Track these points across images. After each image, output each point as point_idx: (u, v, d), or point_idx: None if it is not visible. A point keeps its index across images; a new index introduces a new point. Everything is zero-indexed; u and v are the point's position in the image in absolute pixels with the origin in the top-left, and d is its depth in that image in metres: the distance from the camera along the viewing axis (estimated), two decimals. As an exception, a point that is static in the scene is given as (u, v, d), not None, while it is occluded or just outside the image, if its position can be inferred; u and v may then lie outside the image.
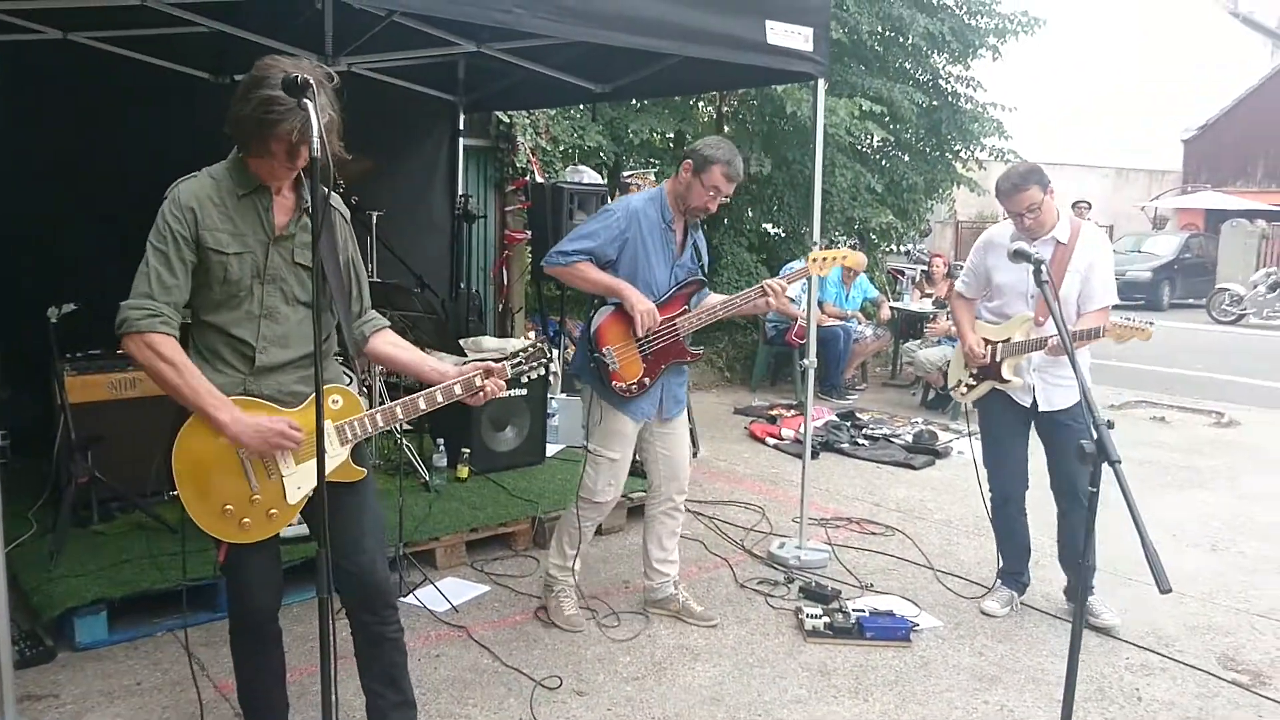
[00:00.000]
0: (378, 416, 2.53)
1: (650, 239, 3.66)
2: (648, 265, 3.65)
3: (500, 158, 8.08)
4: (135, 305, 2.33)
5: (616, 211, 3.68)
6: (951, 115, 10.96)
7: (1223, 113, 27.88)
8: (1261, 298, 17.29)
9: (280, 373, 2.48)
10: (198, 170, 2.46)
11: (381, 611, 2.68)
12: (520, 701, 3.30)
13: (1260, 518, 5.67)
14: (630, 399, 3.66)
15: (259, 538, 2.49)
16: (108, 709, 3.16)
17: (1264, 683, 3.64)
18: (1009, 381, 4.02)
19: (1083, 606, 2.35)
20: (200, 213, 2.37)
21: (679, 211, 3.73)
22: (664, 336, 3.67)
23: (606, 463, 3.75)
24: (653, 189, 3.83)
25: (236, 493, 2.42)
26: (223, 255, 2.39)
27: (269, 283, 2.45)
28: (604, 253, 3.61)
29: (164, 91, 5.53)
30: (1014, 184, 3.88)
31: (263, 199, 2.45)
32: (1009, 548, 4.24)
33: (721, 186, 3.62)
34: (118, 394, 4.47)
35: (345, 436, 2.50)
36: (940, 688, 3.52)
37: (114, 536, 4.15)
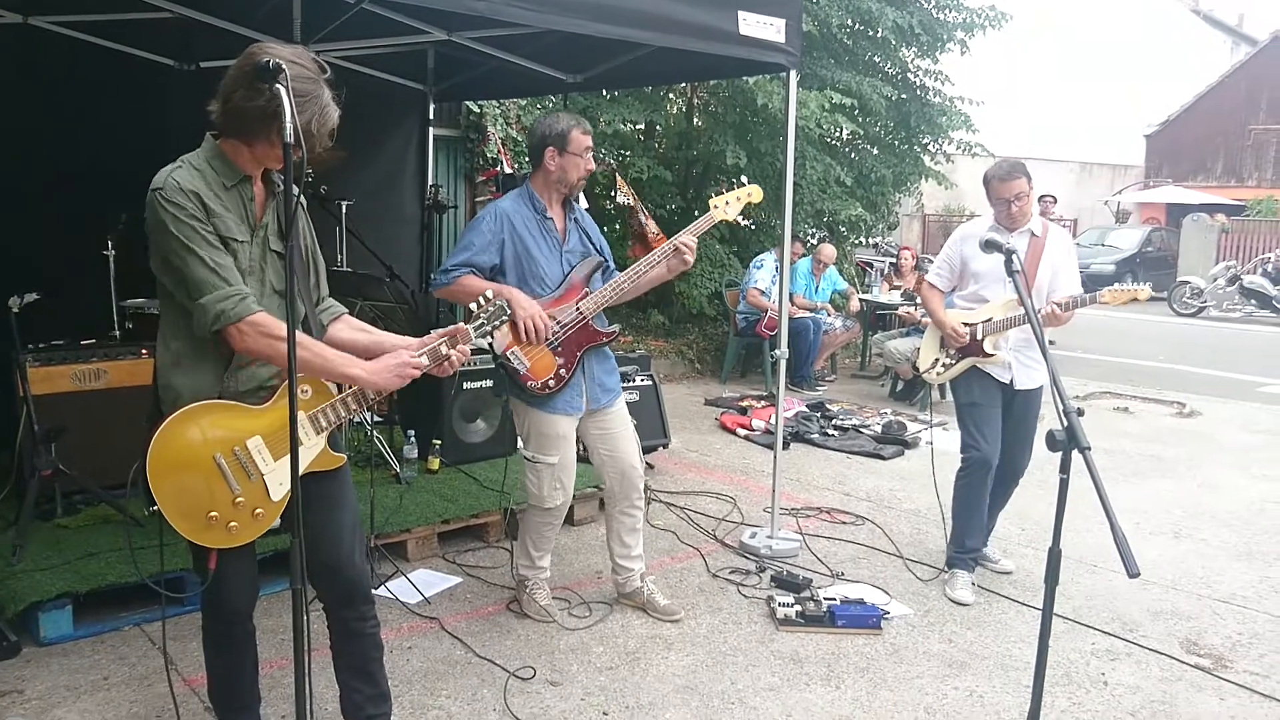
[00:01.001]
0: (349, 400, 2.50)
1: (528, 234, 3.61)
2: (532, 261, 3.60)
3: (471, 148, 8.04)
4: (217, 298, 2.27)
5: (485, 218, 3.64)
6: (920, 109, 11.04)
7: (1184, 109, 28.37)
8: (1221, 290, 17.59)
9: (256, 364, 2.43)
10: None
11: (359, 606, 2.65)
12: (494, 692, 3.29)
13: (1220, 506, 5.78)
14: (552, 395, 3.60)
15: (249, 539, 2.44)
16: (74, 704, 3.12)
17: (1225, 666, 3.71)
18: (992, 355, 4.15)
19: (1053, 593, 2.38)
20: (206, 200, 2.30)
21: (555, 199, 3.69)
22: (571, 325, 3.61)
23: (547, 468, 3.70)
24: (517, 189, 3.79)
25: (218, 499, 2.36)
26: (236, 243, 2.35)
27: (250, 274, 2.40)
28: (483, 261, 3.56)
29: (128, 78, 5.43)
30: (1007, 171, 4.08)
31: (246, 191, 2.40)
32: (975, 525, 4.30)
33: (589, 143, 3.64)
34: (82, 385, 4.39)
35: (319, 424, 2.47)
36: (911, 674, 3.56)
37: (78, 530, 4.09)
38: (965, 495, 4.30)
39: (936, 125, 11.06)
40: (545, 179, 3.67)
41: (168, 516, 2.33)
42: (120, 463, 4.30)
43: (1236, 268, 18.21)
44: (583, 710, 3.21)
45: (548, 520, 3.85)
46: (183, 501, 2.34)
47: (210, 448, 2.35)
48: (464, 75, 6.67)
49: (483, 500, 4.80)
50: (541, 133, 3.64)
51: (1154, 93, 28.17)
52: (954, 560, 4.34)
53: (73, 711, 3.08)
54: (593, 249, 3.80)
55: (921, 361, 4.48)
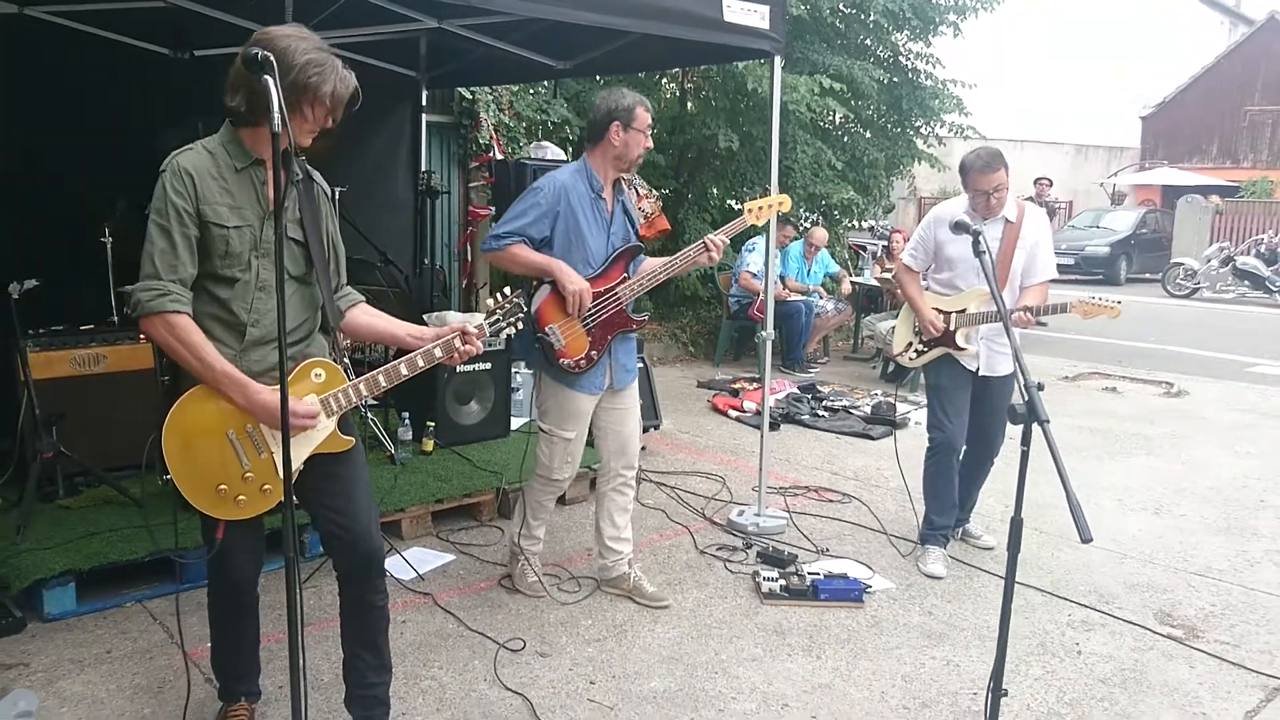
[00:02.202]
0: (361, 386, 2.58)
1: (581, 211, 3.62)
2: (581, 239, 3.62)
3: (463, 134, 8.10)
4: (145, 287, 2.37)
5: (543, 188, 3.61)
6: (912, 92, 11.08)
7: (1179, 90, 28.37)
8: (1214, 272, 17.68)
9: (268, 346, 2.51)
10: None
11: (374, 579, 2.74)
12: (484, 663, 3.40)
13: (1201, 482, 5.88)
14: (580, 374, 3.67)
15: (256, 512, 2.54)
16: (78, 676, 3.22)
17: (1197, 636, 3.82)
18: (964, 349, 4.21)
19: (1015, 559, 2.47)
20: (200, 186, 2.39)
21: (609, 176, 3.71)
22: (606, 307, 3.65)
23: (561, 442, 3.76)
24: (574, 163, 3.79)
25: (229, 472, 2.47)
26: (223, 229, 2.42)
27: (264, 256, 2.49)
28: (536, 232, 3.57)
29: (124, 68, 5.50)
30: (986, 163, 4.08)
31: (259, 173, 2.48)
32: (944, 504, 4.40)
33: (650, 121, 3.67)
34: (81, 370, 4.48)
35: (330, 408, 2.56)
36: (890, 645, 3.66)
37: (80, 511, 4.18)
38: (933, 476, 4.41)
39: (928, 108, 11.10)
40: (605, 154, 3.67)
41: (180, 487, 2.44)
42: (119, 445, 4.44)
43: (1230, 249, 18.30)
44: (570, 680, 3.31)
45: (550, 491, 3.93)
46: (195, 474, 2.45)
47: (224, 424, 2.46)
48: (456, 62, 6.73)
49: (475, 480, 4.90)
50: (608, 107, 3.63)
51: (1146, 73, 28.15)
52: (926, 537, 4.45)
53: (77, 683, 3.18)
54: (632, 234, 3.83)
55: (895, 344, 4.56)
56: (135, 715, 3.01)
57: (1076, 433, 7.09)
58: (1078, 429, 7.21)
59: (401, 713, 3.00)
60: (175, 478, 2.45)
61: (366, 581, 2.73)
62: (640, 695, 3.23)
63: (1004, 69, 22.72)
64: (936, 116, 11.34)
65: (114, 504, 4.24)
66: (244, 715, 2.88)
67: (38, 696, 3.03)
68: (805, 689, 3.31)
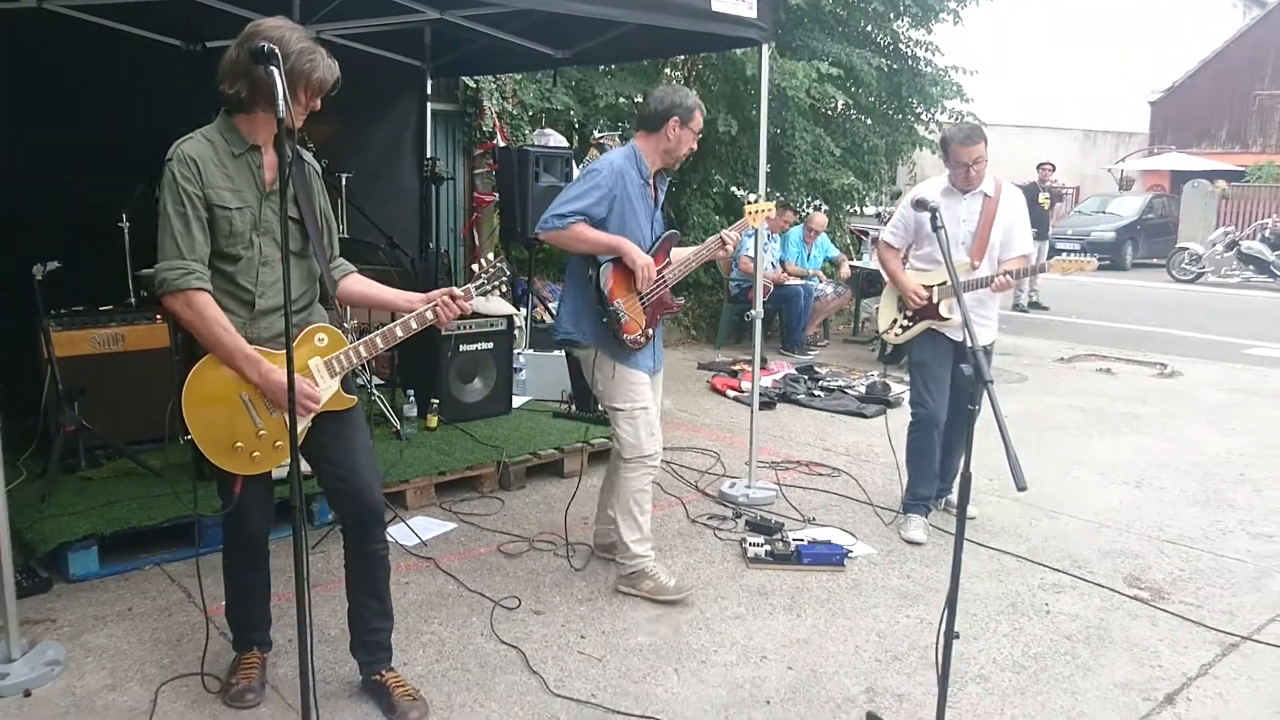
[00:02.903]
0: (360, 348, 2.79)
1: (634, 196, 3.71)
2: (635, 221, 3.71)
3: (468, 122, 8.29)
4: (169, 266, 2.57)
5: (603, 170, 3.68)
6: (912, 79, 11.20)
7: (1188, 75, 28.28)
8: (1219, 256, 17.73)
9: (275, 314, 2.73)
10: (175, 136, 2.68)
11: (373, 529, 2.95)
12: (481, 619, 3.61)
13: (1185, 458, 6.04)
14: (638, 351, 3.75)
15: (270, 467, 2.76)
16: (102, 631, 3.44)
17: (1163, 598, 4.00)
18: (947, 319, 4.39)
19: (964, 513, 2.66)
20: (204, 171, 2.58)
21: (656, 166, 3.81)
22: (657, 288, 3.78)
23: (642, 413, 3.77)
24: (624, 148, 3.86)
25: (244, 430, 2.69)
26: (226, 210, 2.62)
27: (264, 234, 2.70)
28: (597, 212, 3.63)
29: (139, 59, 5.70)
30: (967, 135, 4.29)
31: (255, 158, 2.68)
32: (926, 475, 4.59)
33: (701, 126, 3.80)
34: (101, 348, 4.71)
35: (334, 369, 2.77)
36: (868, 605, 3.86)
37: (101, 481, 4.41)
38: (915, 449, 4.59)
39: (928, 95, 11.22)
40: (656, 145, 3.76)
41: (199, 444, 2.65)
42: (137, 420, 4.67)
43: (1235, 234, 18.34)
44: (562, 634, 3.52)
45: (648, 472, 3.84)
46: (212, 432, 2.66)
47: (238, 387, 2.67)
48: (459, 52, 6.91)
49: (477, 454, 5.10)
50: (671, 101, 3.73)
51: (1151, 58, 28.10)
52: (908, 505, 4.64)
53: (100, 636, 3.40)
54: (667, 221, 3.94)
55: (880, 322, 4.74)
56: (156, 664, 3.23)
57: (1067, 412, 7.25)
58: (1069, 408, 7.37)
59: (403, 662, 3.20)
60: (195, 436, 2.66)
61: (367, 531, 2.93)
62: (627, 648, 3.43)
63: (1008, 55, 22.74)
64: (937, 103, 11.46)
65: (133, 475, 4.46)
66: (256, 663, 3.09)
67: (64, 648, 3.26)
68: (784, 643, 3.51)
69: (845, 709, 3.09)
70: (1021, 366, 8.99)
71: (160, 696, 3.02)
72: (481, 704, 3.04)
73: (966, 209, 4.38)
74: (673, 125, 3.72)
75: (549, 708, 3.03)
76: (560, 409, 6.04)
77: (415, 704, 2.94)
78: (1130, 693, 3.23)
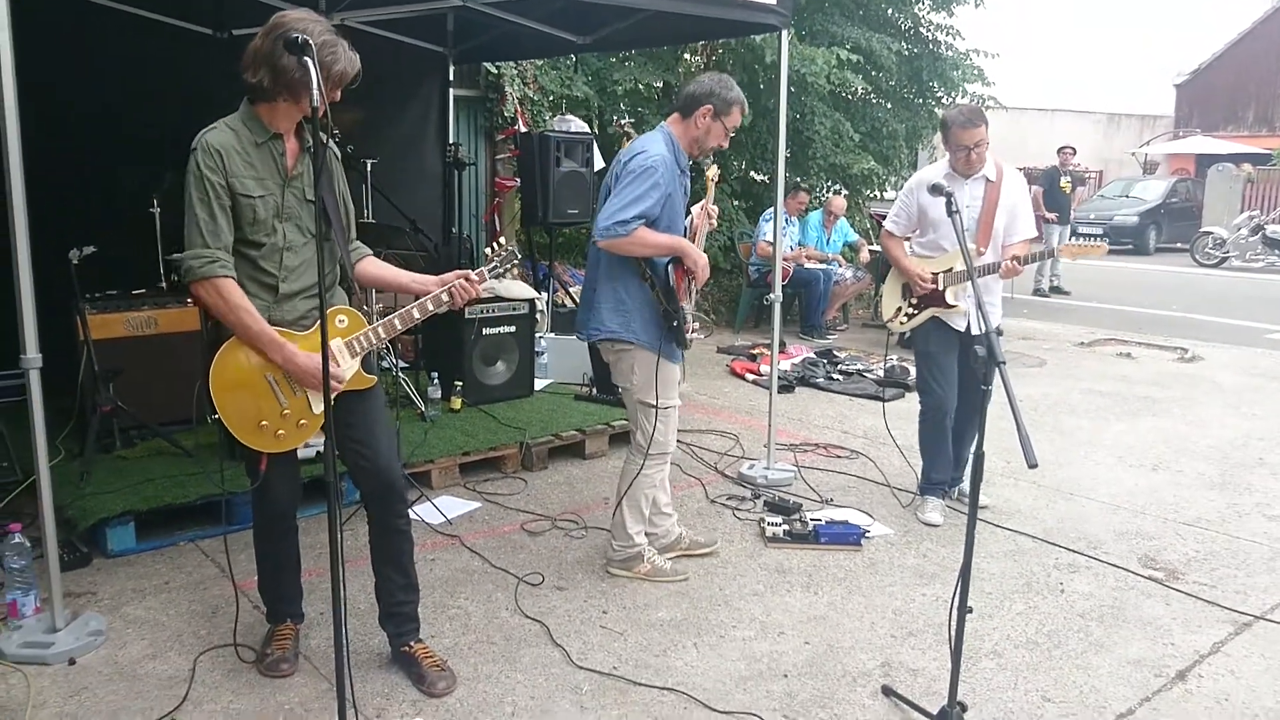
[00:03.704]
0: (379, 329, 2.89)
1: (677, 188, 3.63)
2: (676, 214, 3.62)
3: (490, 108, 8.37)
4: (193, 255, 2.66)
5: (659, 168, 3.50)
6: (932, 63, 11.18)
7: (1215, 57, 27.96)
8: (1244, 240, 17.59)
9: (298, 298, 2.83)
10: (205, 123, 2.76)
11: (395, 505, 3.04)
12: (506, 595, 3.71)
13: (1202, 441, 6.06)
14: (680, 345, 3.73)
15: (294, 445, 2.85)
16: (140, 603, 3.56)
17: (1177, 578, 4.04)
18: (954, 306, 4.41)
19: (977, 488, 2.72)
20: (227, 161, 2.66)
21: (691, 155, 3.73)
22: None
23: (674, 411, 3.80)
24: (658, 135, 3.68)
25: (269, 409, 2.78)
26: (250, 199, 2.70)
27: (287, 220, 2.79)
28: (655, 213, 3.50)
29: (170, 47, 5.81)
30: (969, 118, 4.26)
31: (277, 146, 2.76)
32: (940, 460, 4.64)
33: (737, 124, 3.68)
34: (134, 331, 4.83)
35: (355, 349, 2.86)
36: (884, 583, 3.93)
37: (136, 460, 4.53)
38: (927, 436, 4.65)
39: (949, 79, 11.19)
40: (687, 132, 3.64)
41: (226, 423, 2.74)
42: (169, 401, 4.79)
43: (1260, 217, 18.18)
44: (585, 609, 3.61)
45: (664, 465, 3.89)
46: (239, 411, 2.76)
47: (262, 369, 2.76)
48: (481, 38, 6.99)
49: (500, 435, 5.20)
50: (710, 89, 3.59)
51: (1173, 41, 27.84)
52: (925, 489, 4.70)
53: (139, 608, 3.52)
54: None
55: (885, 310, 4.75)
56: (193, 635, 3.34)
57: (1086, 395, 7.27)
58: (1087, 392, 7.39)
59: (431, 635, 3.30)
60: (223, 416, 2.75)
61: (389, 506, 3.02)
62: (648, 623, 3.52)
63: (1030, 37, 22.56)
64: (958, 87, 11.43)
65: (166, 454, 4.58)
66: (290, 635, 3.20)
67: (106, 619, 3.38)
68: (801, 620, 3.59)
69: (861, 683, 3.17)
70: (1041, 351, 9.01)
71: (198, 665, 3.13)
72: (507, 675, 3.14)
73: (969, 195, 4.35)
74: (704, 114, 3.60)
75: (572, 679, 3.13)
76: (581, 392, 6.13)
77: (443, 674, 3.04)
78: (1142, 669, 3.29)
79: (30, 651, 3.12)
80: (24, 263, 2.95)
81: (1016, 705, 3.06)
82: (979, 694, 3.11)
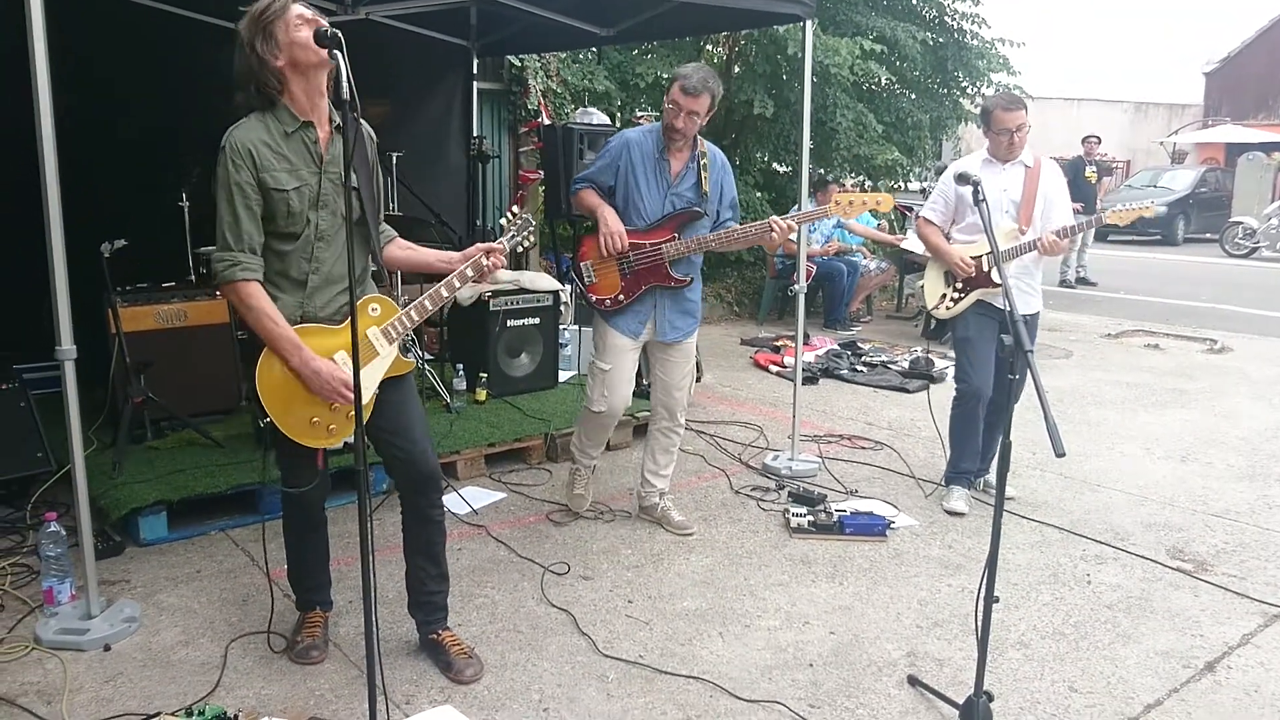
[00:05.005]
0: (412, 312, 2.90)
1: (641, 168, 3.92)
2: (636, 193, 3.93)
3: (513, 100, 8.39)
4: (219, 258, 2.68)
5: (614, 143, 4.00)
6: (957, 52, 11.10)
7: (1245, 44, 27.56)
8: (1274, 230, 17.35)
9: (329, 290, 2.83)
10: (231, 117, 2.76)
11: (429, 494, 3.06)
12: (532, 584, 3.73)
13: (1232, 433, 6.00)
14: (611, 313, 4.01)
15: (345, 438, 2.86)
16: (173, 591, 3.62)
17: (1206, 569, 4.01)
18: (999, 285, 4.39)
19: (1004, 476, 2.71)
20: (257, 156, 2.65)
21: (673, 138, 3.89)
22: (646, 259, 3.92)
23: (600, 372, 4.10)
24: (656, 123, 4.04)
25: (317, 406, 2.79)
26: (283, 192, 2.69)
27: (322, 208, 2.78)
28: (602, 179, 3.97)
29: (195, 42, 5.84)
30: (1010, 101, 4.35)
31: (309, 134, 2.75)
32: (968, 447, 4.61)
33: (680, 101, 3.79)
34: (164, 324, 4.88)
35: (390, 335, 2.88)
36: (909, 574, 3.92)
37: (167, 451, 4.58)
38: (959, 423, 4.61)
39: (974, 69, 11.11)
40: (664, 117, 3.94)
41: (279, 425, 2.74)
42: (199, 393, 4.85)
43: (1291, 207, 17.93)
44: (610, 599, 3.63)
45: (595, 423, 4.24)
46: (290, 413, 2.77)
47: None
48: (505, 30, 7.00)
49: (525, 427, 5.23)
50: (673, 73, 3.99)
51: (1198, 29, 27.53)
52: (951, 478, 4.68)
53: (172, 596, 3.58)
54: (701, 202, 3.97)
55: (928, 298, 4.73)
56: (225, 622, 3.39)
57: (1114, 386, 7.22)
58: (1115, 383, 7.33)
59: (458, 624, 3.33)
60: (273, 416, 2.74)
61: (424, 496, 3.04)
62: (674, 613, 3.54)
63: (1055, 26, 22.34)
64: (983, 76, 11.34)
65: (196, 445, 4.64)
66: (319, 622, 3.24)
67: (140, 606, 3.43)
68: (826, 610, 3.59)
69: (887, 672, 3.17)
70: (1068, 342, 8.94)
71: (230, 652, 3.18)
72: (534, 663, 3.16)
73: (1009, 178, 4.39)
74: (665, 94, 3.93)
75: (598, 667, 3.15)
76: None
77: (471, 661, 3.07)
78: (1170, 660, 3.27)
79: (67, 638, 3.18)
80: (59, 256, 3.00)
81: (1043, 695, 3.05)
82: (1005, 684, 3.10)
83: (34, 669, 3.05)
